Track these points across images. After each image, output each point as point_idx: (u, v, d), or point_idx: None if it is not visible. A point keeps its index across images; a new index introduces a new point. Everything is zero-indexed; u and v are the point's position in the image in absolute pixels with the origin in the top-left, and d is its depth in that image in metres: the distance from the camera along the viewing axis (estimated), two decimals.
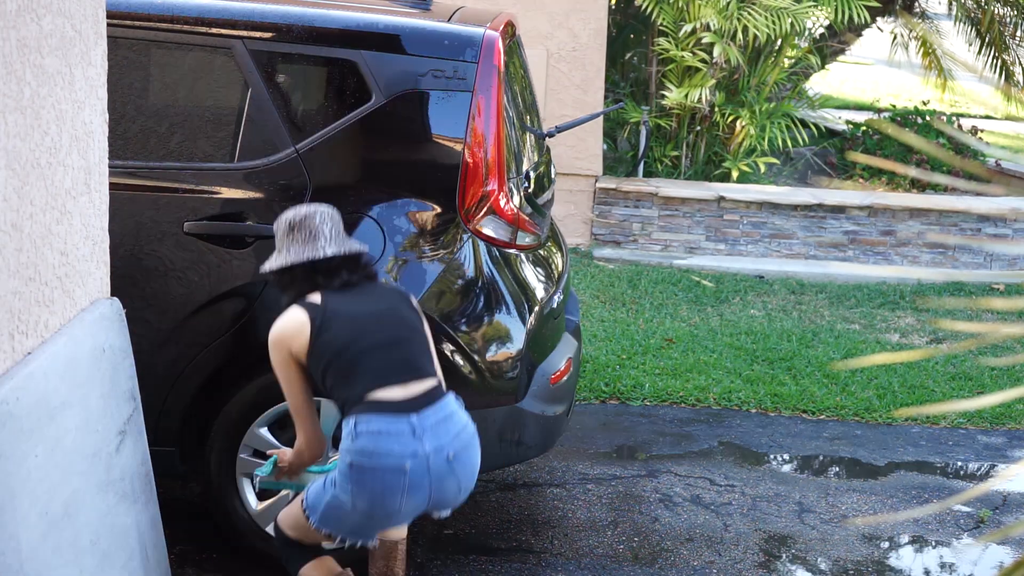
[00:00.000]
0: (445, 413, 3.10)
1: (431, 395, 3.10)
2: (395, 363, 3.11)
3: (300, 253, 3.18)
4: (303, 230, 3.20)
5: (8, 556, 2.53)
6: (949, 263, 8.26)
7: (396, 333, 3.17)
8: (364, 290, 3.24)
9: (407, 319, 3.23)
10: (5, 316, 2.59)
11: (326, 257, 3.18)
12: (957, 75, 11.42)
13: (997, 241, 8.07)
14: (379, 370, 3.07)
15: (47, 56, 2.75)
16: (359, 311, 3.16)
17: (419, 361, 3.16)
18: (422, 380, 3.11)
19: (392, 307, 3.22)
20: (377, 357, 3.09)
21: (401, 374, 3.08)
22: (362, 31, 3.73)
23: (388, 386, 3.05)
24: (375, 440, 2.98)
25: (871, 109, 13.43)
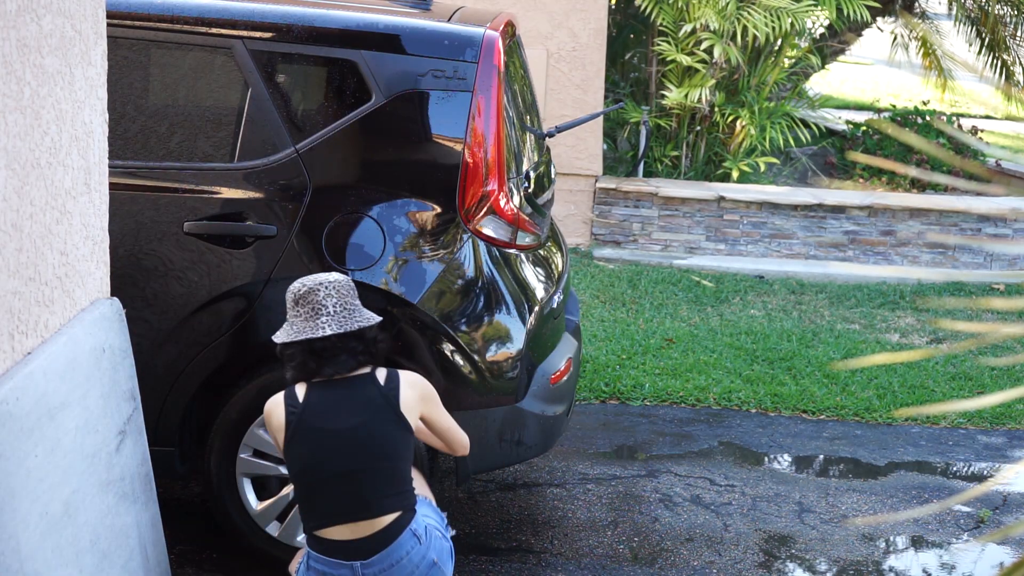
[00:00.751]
0: (394, 559, 3.02)
1: (382, 538, 3.01)
2: (347, 500, 3.01)
3: (298, 332, 3.07)
4: (305, 305, 3.08)
5: (8, 556, 2.53)
6: (949, 263, 8.26)
7: (359, 464, 3.02)
8: (350, 392, 3.08)
9: (379, 442, 3.05)
10: (5, 316, 2.59)
11: (323, 337, 3.05)
12: (957, 75, 11.42)
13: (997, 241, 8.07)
14: (329, 507, 3.01)
15: (47, 56, 2.75)
16: (329, 427, 3.03)
17: (373, 497, 3.02)
18: (374, 519, 3.01)
19: (365, 424, 3.04)
20: (330, 491, 3.01)
21: (351, 513, 3.00)
22: (362, 31, 3.73)
23: (336, 525, 3.00)
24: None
25: (871, 109, 13.43)
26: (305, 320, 3.07)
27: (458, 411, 3.68)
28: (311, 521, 3.03)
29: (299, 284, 3.11)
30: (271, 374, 3.69)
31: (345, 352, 3.06)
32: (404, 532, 3.04)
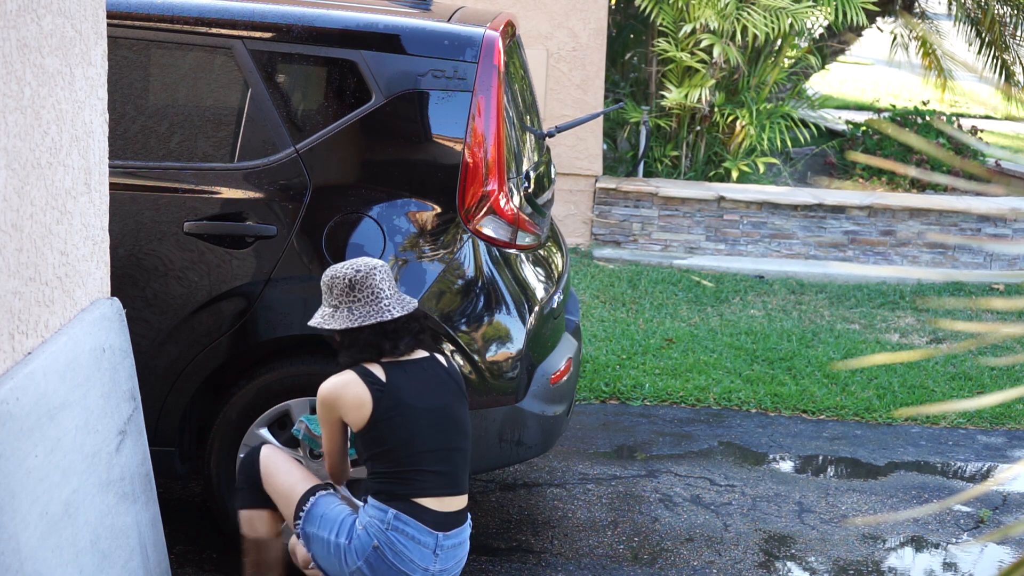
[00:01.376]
0: (461, 539, 3.23)
1: (459, 516, 3.23)
2: (443, 475, 3.19)
3: (366, 315, 3.16)
4: (364, 289, 3.18)
5: (8, 556, 2.53)
6: (949, 263, 8.26)
7: (451, 442, 3.22)
8: (424, 373, 3.23)
9: (462, 423, 3.26)
10: (5, 316, 2.59)
11: (393, 319, 3.18)
12: (957, 75, 11.42)
13: (997, 241, 8.07)
14: (428, 479, 3.16)
15: (47, 56, 2.75)
16: (420, 405, 3.17)
17: (462, 476, 3.24)
18: (459, 496, 3.22)
19: (449, 405, 3.23)
20: (429, 465, 3.16)
21: (445, 487, 3.18)
22: (362, 31, 3.73)
23: (432, 496, 3.15)
24: (406, 543, 3.11)
25: (871, 109, 13.43)
26: (367, 304, 3.18)
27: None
28: (410, 490, 3.14)
29: (350, 269, 3.20)
30: (271, 374, 3.69)
31: (408, 333, 3.22)
32: (468, 517, 3.28)
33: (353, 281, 3.18)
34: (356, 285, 3.17)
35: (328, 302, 3.23)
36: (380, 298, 3.18)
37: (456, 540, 3.20)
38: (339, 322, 3.18)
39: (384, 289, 3.20)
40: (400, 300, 3.22)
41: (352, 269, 3.20)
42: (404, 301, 3.23)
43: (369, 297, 3.17)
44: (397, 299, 3.22)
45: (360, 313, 3.17)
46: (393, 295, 3.22)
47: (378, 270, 3.21)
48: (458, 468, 3.23)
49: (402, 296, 3.25)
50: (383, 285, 3.20)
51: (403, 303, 3.22)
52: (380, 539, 3.11)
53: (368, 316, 3.16)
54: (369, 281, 3.18)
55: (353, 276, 3.18)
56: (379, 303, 3.18)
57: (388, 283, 3.22)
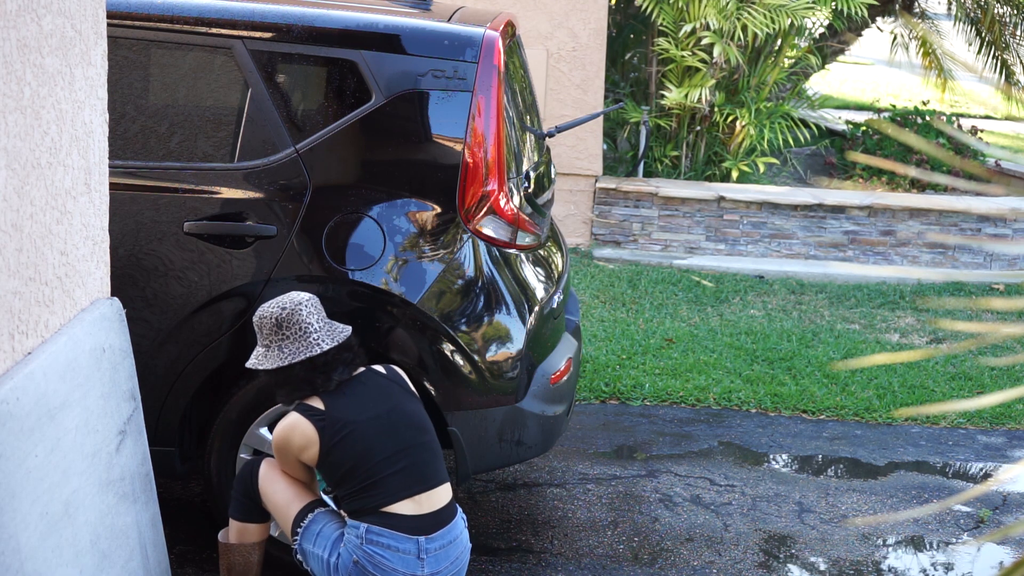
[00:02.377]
0: (451, 537, 3.21)
1: (443, 515, 3.21)
2: (409, 475, 3.18)
3: (295, 352, 3.19)
4: (292, 326, 3.21)
5: (8, 556, 2.53)
6: (949, 263, 8.26)
7: (406, 441, 3.22)
8: (363, 387, 3.25)
9: (414, 419, 3.27)
10: (5, 316, 2.59)
11: (323, 352, 3.20)
12: (957, 75, 11.41)
13: (997, 241, 8.07)
14: (393, 485, 3.16)
15: (47, 56, 2.75)
16: (364, 417, 3.19)
17: (431, 470, 3.23)
18: (435, 490, 3.20)
19: (396, 407, 3.25)
20: (391, 471, 3.16)
21: (414, 486, 3.17)
22: (362, 31, 3.72)
23: (402, 500, 3.15)
24: (384, 553, 3.11)
25: (871, 109, 13.43)
26: (295, 340, 3.20)
27: (458, 411, 3.68)
28: (375, 501, 3.14)
29: (275, 308, 3.23)
30: None
31: (340, 363, 3.24)
32: (458, 512, 3.28)
33: (279, 319, 3.21)
34: (283, 323, 3.20)
35: (260, 342, 3.27)
36: (308, 333, 3.20)
37: (444, 541, 3.18)
38: (271, 361, 3.21)
39: (312, 323, 3.22)
40: (331, 331, 3.23)
41: (278, 307, 3.22)
42: (335, 331, 3.24)
43: (297, 334, 3.20)
44: (327, 331, 3.23)
45: (289, 351, 3.19)
46: (323, 327, 3.23)
47: (304, 305, 3.23)
48: (424, 463, 3.21)
49: (333, 326, 3.26)
50: (310, 320, 3.22)
51: (334, 334, 3.23)
52: (358, 554, 3.12)
53: (297, 353, 3.18)
54: (295, 318, 3.20)
55: (279, 314, 3.21)
56: (307, 338, 3.20)
57: (316, 316, 3.24)
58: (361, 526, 3.14)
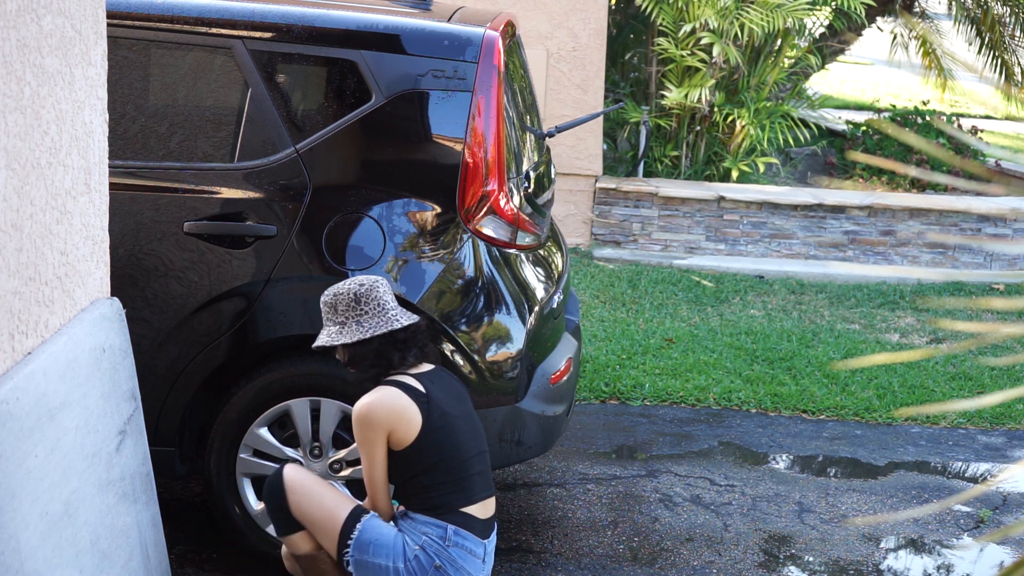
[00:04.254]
0: (495, 543, 3.28)
1: (494, 520, 3.27)
2: (484, 478, 3.23)
3: (376, 326, 3.18)
4: (371, 302, 3.20)
5: (8, 556, 2.53)
6: (949, 263, 8.26)
7: (482, 445, 3.26)
8: (445, 383, 3.27)
9: (480, 426, 3.33)
10: (5, 316, 2.59)
11: (403, 327, 3.21)
12: (957, 75, 11.42)
13: (997, 241, 8.07)
14: (475, 486, 3.19)
15: (47, 56, 2.75)
16: (457, 412, 3.21)
17: (490, 477, 3.29)
18: (493, 498, 3.27)
19: (471, 411, 3.29)
20: (475, 471, 3.19)
21: (485, 491, 3.22)
22: (362, 31, 3.72)
23: (477, 502, 3.18)
24: (465, 557, 3.12)
25: (871, 109, 13.43)
26: (375, 316, 3.19)
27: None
28: (460, 499, 3.15)
29: (353, 285, 3.23)
30: (271, 374, 3.69)
31: (416, 344, 3.24)
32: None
33: (358, 295, 3.20)
34: (362, 298, 3.19)
35: (333, 320, 3.22)
36: (386, 309, 3.21)
37: (493, 544, 3.25)
38: (349, 335, 3.17)
39: (388, 301, 3.23)
40: (403, 312, 3.25)
41: (356, 284, 3.22)
42: (407, 313, 3.26)
43: (376, 309, 3.19)
44: (401, 311, 3.24)
45: (370, 325, 3.18)
46: (397, 307, 3.25)
47: (380, 283, 3.24)
48: (490, 471, 3.28)
49: (403, 310, 3.27)
50: (387, 297, 3.24)
51: (407, 315, 3.25)
52: (441, 558, 3.09)
53: (378, 327, 3.17)
54: (374, 294, 3.20)
55: (358, 290, 3.20)
56: (386, 314, 3.20)
57: (390, 296, 3.26)
58: (447, 527, 3.10)
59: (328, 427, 3.69)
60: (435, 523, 3.11)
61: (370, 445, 3.12)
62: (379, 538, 3.11)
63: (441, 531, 3.10)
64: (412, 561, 3.08)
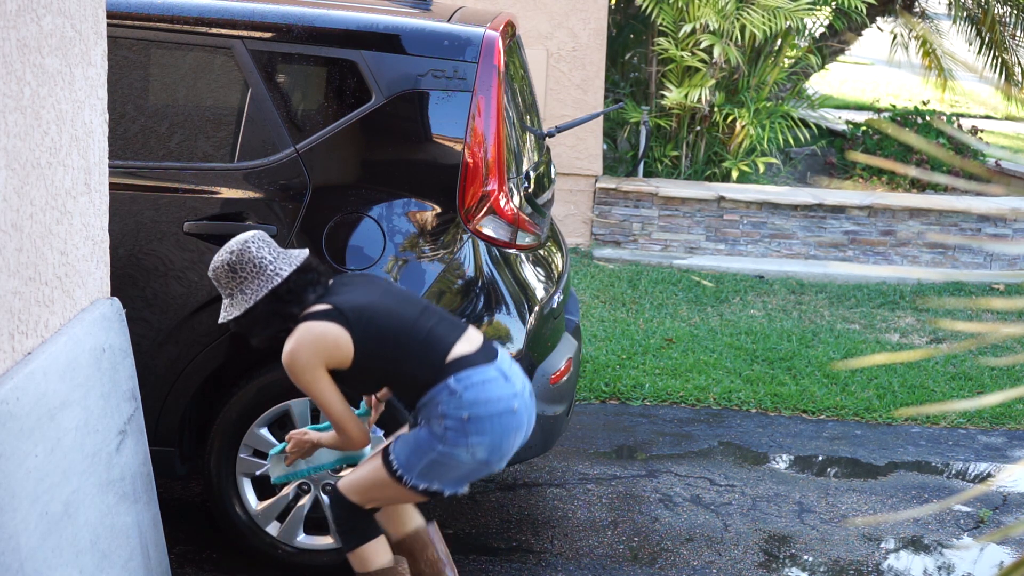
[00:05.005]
0: (509, 358, 3.20)
1: (492, 344, 3.20)
2: (446, 323, 3.18)
3: (258, 288, 3.11)
4: (245, 265, 3.12)
5: (8, 556, 2.53)
6: (949, 263, 8.26)
7: (420, 303, 3.23)
8: (349, 281, 3.24)
9: (405, 290, 3.33)
10: (5, 316, 2.59)
11: (284, 280, 3.12)
12: (957, 75, 11.41)
13: (997, 241, 8.07)
14: (441, 332, 3.13)
15: (47, 56, 2.75)
16: (368, 298, 3.14)
17: (452, 318, 3.23)
18: (469, 331, 3.19)
19: (388, 285, 3.27)
20: (431, 324, 3.14)
21: (454, 331, 3.16)
22: (362, 31, 3.73)
23: (455, 344, 3.12)
24: (483, 389, 3.06)
25: (871, 109, 13.43)
26: (255, 278, 3.12)
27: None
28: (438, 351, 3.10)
29: (224, 254, 3.15)
30: (271, 374, 3.69)
31: (307, 285, 3.15)
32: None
33: (231, 263, 3.13)
34: (235, 266, 3.13)
35: (224, 294, 3.18)
36: (263, 267, 3.12)
37: (507, 361, 3.17)
38: (237, 308, 3.13)
39: (265, 256, 3.14)
40: (287, 258, 3.16)
41: (226, 252, 3.15)
42: (292, 257, 3.17)
43: (253, 271, 3.12)
44: (284, 259, 3.16)
45: (251, 290, 3.12)
46: (278, 257, 3.15)
47: (251, 242, 3.15)
48: (446, 315, 3.23)
49: (289, 253, 3.19)
50: (262, 254, 3.14)
51: (291, 259, 3.16)
52: (463, 408, 3.04)
53: (260, 288, 3.11)
54: (246, 256, 3.12)
55: (229, 259, 3.13)
56: (264, 272, 3.12)
57: (268, 249, 3.16)
58: (446, 383, 3.06)
59: None
60: (436, 389, 3.07)
61: (314, 385, 3.09)
62: (410, 445, 3.11)
63: (445, 391, 3.06)
64: (447, 434, 3.05)
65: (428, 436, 3.07)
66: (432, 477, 3.10)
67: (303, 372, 3.07)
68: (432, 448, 3.07)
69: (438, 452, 3.07)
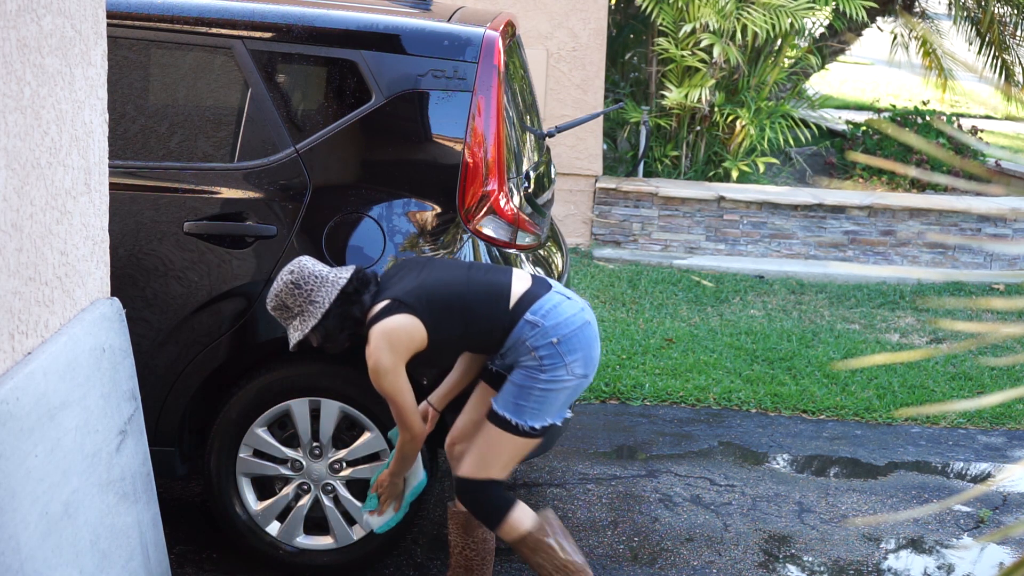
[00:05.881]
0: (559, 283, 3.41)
1: (541, 276, 3.42)
2: (492, 273, 3.36)
3: (326, 297, 3.26)
4: (307, 280, 3.28)
5: (8, 556, 2.53)
6: (949, 263, 8.26)
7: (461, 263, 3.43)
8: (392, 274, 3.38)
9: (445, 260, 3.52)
10: (5, 316, 2.59)
11: (349, 280, 3.28)
12: (957, 75, 11.42)
13: (997, 241, 8.07)
14: (493, 282, 3.30)
15: (47, 56, 2.75)
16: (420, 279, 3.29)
17: (497, 266, 3.49)
18: (516, 271, 3.40)
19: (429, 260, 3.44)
20: (484, 279, 3.31)
21: (507, 275, 3.35)
22: (362, 31, 3.72)
23: (511, 287, 3.30)
24: (558, 312, 3.26)
25: (871, 109, 13.43)
26: (320, 288, 3.28)
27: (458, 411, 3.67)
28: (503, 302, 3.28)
29: (284, 276, 3.31)
30: (271, 374, 3.69)
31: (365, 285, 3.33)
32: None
33: (294, 281, 3.28)
34: (299, 281, 3.28)
35: (289, 316, 3.31)
36: (324, 277, 3.29)
37: (561, 285, 3.39)
38: (311, 319, 3.27)
39: (321, 269, 3.32)
40: (338, 269, 3.35)
41: (286, 274, 3.31)
42: (341, 269, 3.36)
43: (316, 282, 3.28)
44: (336, 270, 3.34)
45: (320, 299, 3.26)
46: (331, 269, 3.34)
47: (304, 260, 3.34)
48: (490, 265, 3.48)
49: (336, 268, 3.38)
50: (317, 267, 3.33)
51: (342, 269, 3.35)
52: (549, 335, 3.22)
53: (328, 295, 3.26)
54: (305, 272, 3.30)
55: (290, 278, 3.29)
56: (327, 281, 3.28)
57: (319, 264, 3.35)
58: (522, 320, 3.24)
59: (328, 427, 3.69)
60: (517, 330, 3.25)
61: (395, 386, 3.22)
62: (513, 393, 3.28)
63: (527, 327, 3.24)
64: (544, 362, 3.23)
65: (526, 375, 3.25)
66: (543, 413, 3.28)
67: (387, 374, 3.21)
68: (535, 383, 3.24)
69: (543, 383, 3.24)
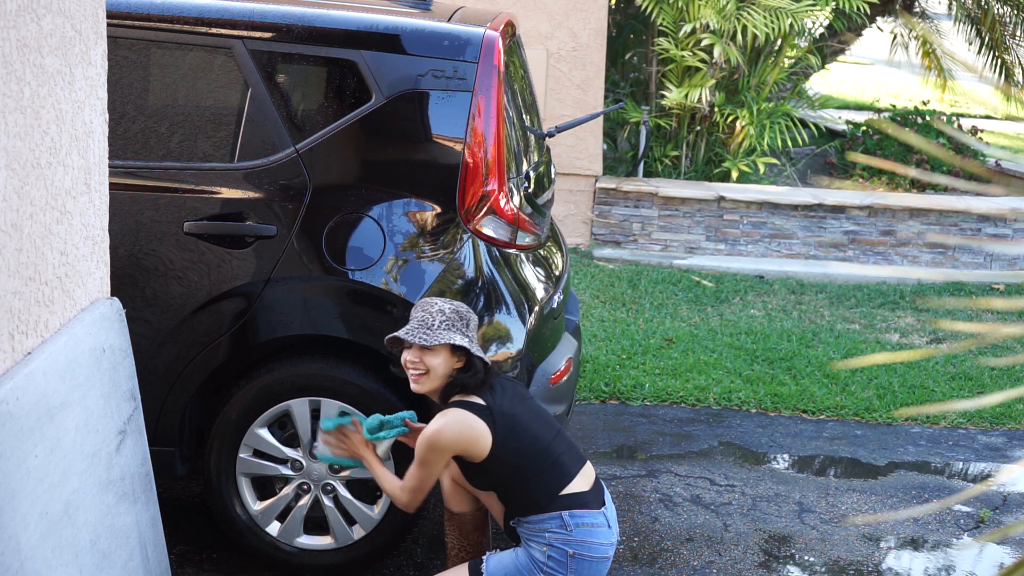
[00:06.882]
0: (612, 503, 3.33)
1: (600, 484, 3.32)
2: (571, 453, 3.28)
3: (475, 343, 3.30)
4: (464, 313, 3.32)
5: (8, 556, 2.53)
6: (949, 263, 8.26)
7: (556, 425, 3.34)
8: (503, 387, 3.34)
9: (548, 412, 3.42)
10: (5, 316, 2.59)
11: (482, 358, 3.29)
12: (957, 75, 11.42)
13: (997, 241, 8.06)
14: (566, 463, 3.24)
15: (47, 56, 2.75)
16: (519, 409, 3.27)
17: (577, 449, 3.35)
18: (587, 467, 3.31)
19: (535, 404, 3.38)
20: (560, 451, 3.25)
21: (577, 463, 3.27)
22: (362, 31, 3.72)
23: (574, 478, 3.23)
24: (591, 533, 3.19)
25: (871, 109, 13.43)
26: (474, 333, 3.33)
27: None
28: (558, 481, 3.21)
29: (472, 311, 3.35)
30: (271, 374, 3.69)
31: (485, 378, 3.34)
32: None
33: (471, 322, 3.32)
34: (471, 324, 3.32)
35: (463, 332, 3.29)
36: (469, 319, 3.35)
37: (612, 508, 3.29)
38: (478, 351, 3.28)
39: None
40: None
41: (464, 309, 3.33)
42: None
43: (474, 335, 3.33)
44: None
45: (472, 335, 3.31)
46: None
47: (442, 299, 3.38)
48: (573, 444, 3.34)
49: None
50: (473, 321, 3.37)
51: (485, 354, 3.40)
52: (570, 544, 3.17)
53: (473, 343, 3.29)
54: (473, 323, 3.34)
55: (472, 318, 3.33)
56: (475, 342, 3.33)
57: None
58: (560, 515, 3.18)
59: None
60: (548, 517, 3.19)
61: (431, 465, 3.23)
62: (507, 567, 3.23)
63: (558, 521, 3.18)
64: (548, 563, 3.18)
65: (528, 562, 3.21)
66: None
67: (434, 450, 3.21)
68: (531, 574, 3.20)
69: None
